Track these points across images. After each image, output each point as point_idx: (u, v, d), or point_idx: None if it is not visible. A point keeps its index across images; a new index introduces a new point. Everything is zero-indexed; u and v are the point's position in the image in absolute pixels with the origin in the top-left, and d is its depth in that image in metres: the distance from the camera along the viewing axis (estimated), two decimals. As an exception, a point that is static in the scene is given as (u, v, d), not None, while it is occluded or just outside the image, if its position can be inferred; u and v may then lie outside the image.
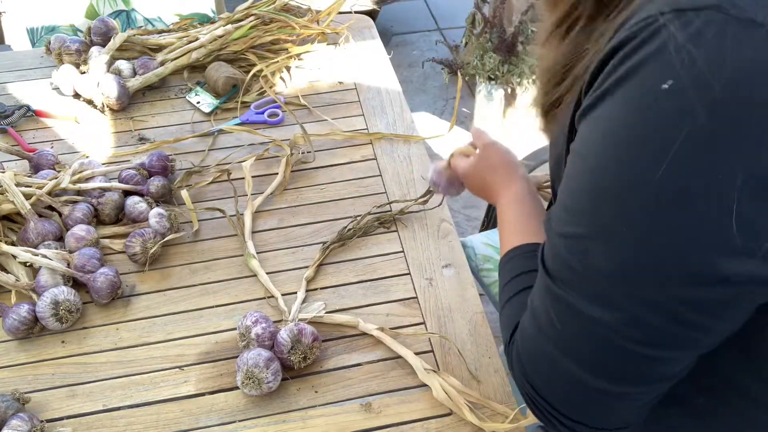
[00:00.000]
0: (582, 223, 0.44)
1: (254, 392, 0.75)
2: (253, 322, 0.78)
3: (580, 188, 0.44)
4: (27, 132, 1.13)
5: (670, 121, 0.38)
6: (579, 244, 0.44)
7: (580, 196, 0.44)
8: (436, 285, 0.89)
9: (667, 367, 0.46)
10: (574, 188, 0.45)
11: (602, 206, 0.43)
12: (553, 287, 0.47)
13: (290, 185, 1.04)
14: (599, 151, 0.42)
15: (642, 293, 0.42)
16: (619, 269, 0.43)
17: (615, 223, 0.42)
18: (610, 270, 0.43)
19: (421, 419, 0.75)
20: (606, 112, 0.41)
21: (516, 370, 0.54)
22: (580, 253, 0.44)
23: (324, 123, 1.15)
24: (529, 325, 0.52)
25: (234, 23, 1.26)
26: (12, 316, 0.81)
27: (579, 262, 0.44)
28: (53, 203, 0.93)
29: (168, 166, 1.02)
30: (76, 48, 1.21)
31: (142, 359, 0.81)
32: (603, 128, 0.42)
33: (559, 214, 0.47)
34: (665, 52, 0.38)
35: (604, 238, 0.43)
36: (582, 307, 0.45)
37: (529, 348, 0.52)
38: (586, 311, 0.45)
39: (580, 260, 0.44)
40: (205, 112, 1.17)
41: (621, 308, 0.44)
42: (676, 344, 0.44)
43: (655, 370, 0.46)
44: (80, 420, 0.75)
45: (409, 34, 2.78)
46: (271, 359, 0.75)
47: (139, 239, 0.90)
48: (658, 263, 0.41)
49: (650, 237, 0.41)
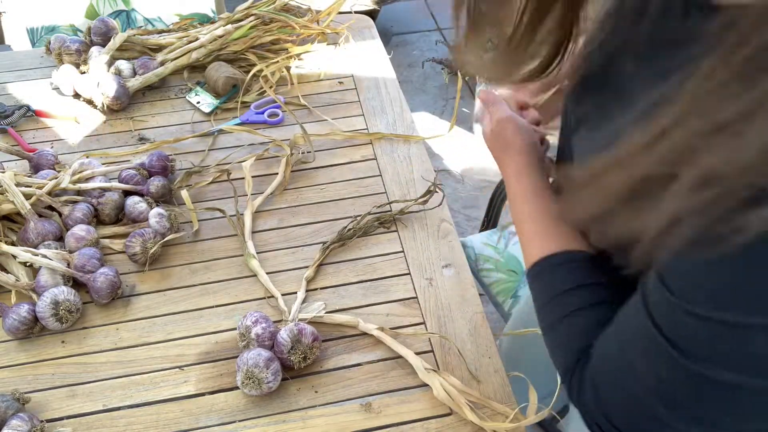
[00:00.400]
0: (745, 312, 0.40)
1: (254, 392, 0.75)
2: (253, 322, 0.78)
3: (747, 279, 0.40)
4: (27, 132, 1.13)
5: None
6: (735, 332, 0.41)
7: (748, 287, 0.40)
8: (436, 285, 0.89)
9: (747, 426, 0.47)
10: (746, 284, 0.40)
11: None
12: (678, 358, 0.44)
13: (290, 185, 1.04)
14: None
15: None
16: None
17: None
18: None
19: (421, 419, 0.75)
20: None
21: (588, 397, 0.54)
22: (734, 340, 0.41)
23: (324, 123, 1.15)
24: (616, 357, 0.50)
25: (234, 23, 1.26)
26: (12, 316, 0.81)
27: (730, 346, 0.41)
28: (53, 203, 0.93)
29: (168, 166, 1.02)
30: (76, 48, 1.21)
31: (142, 359, 0.81)
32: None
33: (691, 294, 0.43)
34: None
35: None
36: (715, 375, 0.43)
37: (613, 380, 0.51)
38: (719, 378, 0.43)
39: (732, 345, 0.41)
40: (205, 112, 1.17)
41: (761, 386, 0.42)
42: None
43: (737, 426, 0.46)
44: (80, 420, 0.75)
45: (409, 34, 2.78)
46: (271, 359, 0.75)
47: (139, 239, 0.90)
48: None
49: None
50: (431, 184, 0.98)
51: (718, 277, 0.41)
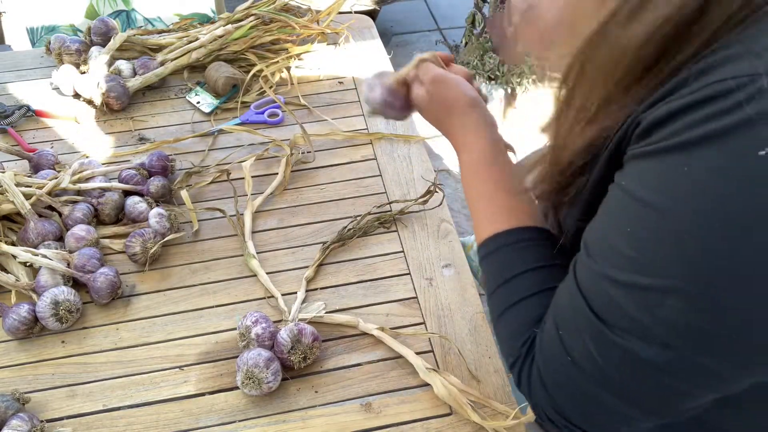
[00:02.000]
0: (655, 275, 0.40)
1: (254, 392, 0.75)
2: (253, 322, 0.78)
3: (655, 240, 0.40)
4: (27, 132, 1.13)
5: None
6: (648, 297, 0.41)
7: (655, 249, 0.40)
8: (436, 285, 0.89)
9: (694, 403, 0.46)
10: (642, 237, 0.41)
11: (690, 266, 0.39)
12: (605, 331, 0.44)
13: (290, 185, 1.04)
14: (688, 211, 0.38)
15: (711, 349, 0.41)
16: (697, 327, 0.40)
17: (707, 286, 0.38)
18: (686, 325, 0.40)
19: (421, 419, 0.75)
20: (692, 168, 0.37)
21: (538, 393, 0.53)
22: (649, 306, 0.41)
23: (324, 123, 1.15)
24: (558, 354, 0.49)
25: (234, 23, 1.26)
26: (12, 316, 0.81)
27: (646, 313, 0.41)
28: (53, 203, 0.93)
29: (168, 166, 1.02)
30: (76, 48, 1.22)
31: (142, 359, 0.81)
32: (689, 187, 0.37)
33: (611, 258, 0.43)
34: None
35: (687, 297, 0.39)
36: (638, 350, 0.43)
37: (559, 378, 0.50)
38: (642, 354, 0.43)
39: (648, 311, 0.41)
40: (205, 112, 1.17)
41: (683, 356, 0.42)
42: (716, 388, 0.44)
43: (684, 404, 0.46)
44: (80, 420, 0.75)
45: (409, 34, 2.78)
46: (271, 359, 0.75)
47: (139, 239, 0.90)
48: (740, 332, 0.39)
49: (748, 309, 0.38)
50: (431, 184, 0.98)
51: (634, 241, 0.41)
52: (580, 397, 0.49)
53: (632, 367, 0.44)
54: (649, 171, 0.40)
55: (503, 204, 0.61)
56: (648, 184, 0.40)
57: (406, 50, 2.71)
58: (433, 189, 0.98)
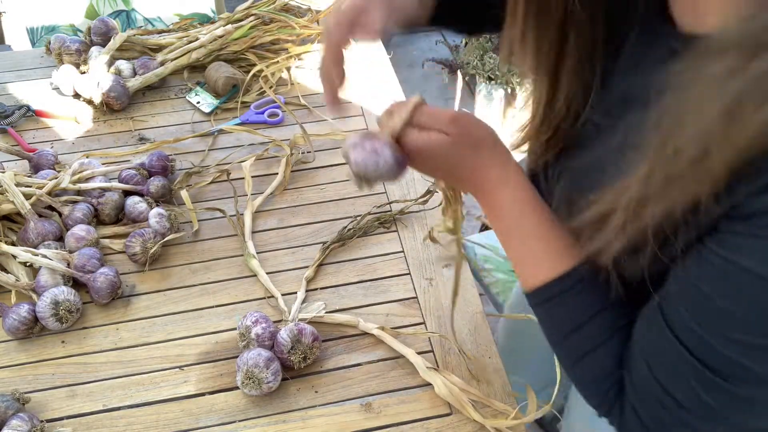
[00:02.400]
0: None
1: (254, 392, 0.75)
2: (253, 322, 0.78)
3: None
4: (27, 132, 1.13)
5: None
6: (764, 353, 0.45)
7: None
8: (436, 285, 0.89)
9: None
10: (756, 304, 0.44)
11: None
12: (718, 381, 0.47)
13: (290, 185, 1.04)
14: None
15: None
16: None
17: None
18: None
19: (421, 419, 0.75)
20: None
21: (634, 430, 0.54)
22: (764, 359, 0.45)
23: (324, 123, 1.15)
24: (658, 395, 0.51)
25: (234, 23, 1.26)
26: (12, 316, 0.81)
27: (762, 364, 0.45)
28: (53, 203, 0.93)
29: (168, 166, 1.02)
30: (76, 48, 1.22)
31: (142, 359, 0.81)
32: None
33: (718, 320, 0.46)
34: None
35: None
36: (753, 393, 0.47)
37: (660, 414, 0.52)
38: (758, 396, 0.47)
39: (763, 363, 0.45)
40: (205, 112, 1.17)
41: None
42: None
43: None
44: (80, 420, 0.75)
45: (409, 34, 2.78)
46: (271, 359, 0.75)
47: (139, 239, 0.90)
48: None
49: None
50: (431, 184, 0.98)
51: (746, 307, 0.44)
52: (675, 424, 0.52)
53: (746, 404, 0.47)
54: (763, 249, 0.42)
55: (559, 244, 0.58)
56: (763, 260, 0.42)
57: (406, 50, 2.71)
58: (433, 189, 0.98)
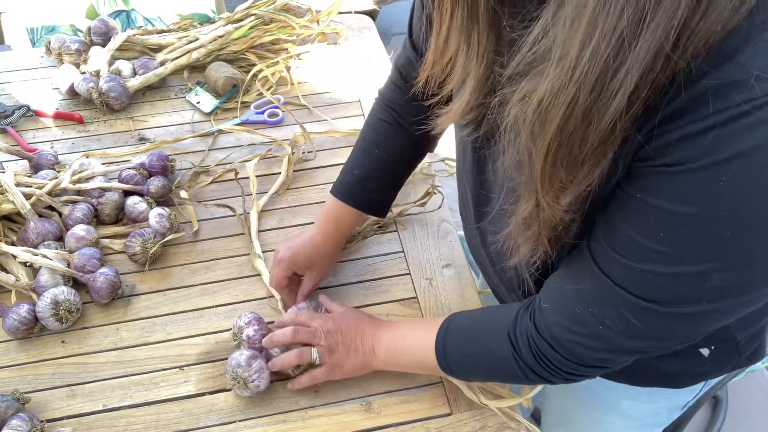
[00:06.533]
0: (699, 263, 0.46)
1: (245, 393, 0.75)
2: (246, 323, 0.78)
3: (694, 239, 0.45)
4: (27, 132, 1.13)
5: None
6: (695, 277, 0.47)
7: (696, 245, 0.46)
8: (436, 285, 0.89)
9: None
10: (681, 239, 0.46)
11: (730, 253, 0.45)
12: (653, 307, 0.50)
13: (290, 185, 1.04)
14: (728, 215, 0.43)
15: (753, 294, 0.48)
16: (740, 285, 0.47)
17: (744, 263, 0.45)
18: (732, 286, 0.47)
19: (421, 419, 0.75)
20: (728, 181, 0.42)
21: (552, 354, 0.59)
22: (696, 282, 0.47)
23: (324, 123, 1.15)
24: (580, 329, 0.55)
25: (234, 23, 1.26)
26: (12, 316, 0.81)
27: (695, 287, 0.48)
28: (53, 203, 0.93)
29: (168, 166, 1.02)
30: (76, 48, 1.22)
31: (142, 359, 0.81)
32: (727, 196, 0.42)
33: (649, 256, 0.48)
34: None
35: (729, 271, 0.46)
36: (685, 310, 0.49)
37: (582, 344, 0.56)
38: (688, 310, 0.49)
39: (696, 286, 0.47)
40: (205, 112, 1.17)
41: (727, 304, 0.49)
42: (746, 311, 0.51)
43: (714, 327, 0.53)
44: (80, 420, 0.75)
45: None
46: (253, 357, 0.74)
47: (139, 239, 0.90)
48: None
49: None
50: (429, 186, 0.98)
51: (671, 241, 0.47)
52: (605, 351, 0.56)
53: (675, 319, 0.51)
54: (680, 186, 0.44)
55: (423, 333, 0.72)
56: (680, 198, 0.44)
57: (406, 50, 2.71)
58: (431, 191, 0.98)
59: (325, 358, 0.75)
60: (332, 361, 0.75)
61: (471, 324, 0.68)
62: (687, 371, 0.73)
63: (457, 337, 0.68)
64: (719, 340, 0.69)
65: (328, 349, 0.75)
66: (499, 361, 0.63)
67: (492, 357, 0.64)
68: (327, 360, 0.76)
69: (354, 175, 0.83)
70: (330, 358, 0.75)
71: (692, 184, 0.43)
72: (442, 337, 0.69)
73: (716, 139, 0.41)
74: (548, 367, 0.59)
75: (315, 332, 0.76)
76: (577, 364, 0.58)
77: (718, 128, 0.41)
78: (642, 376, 0.74)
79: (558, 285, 0.58)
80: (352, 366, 0.76)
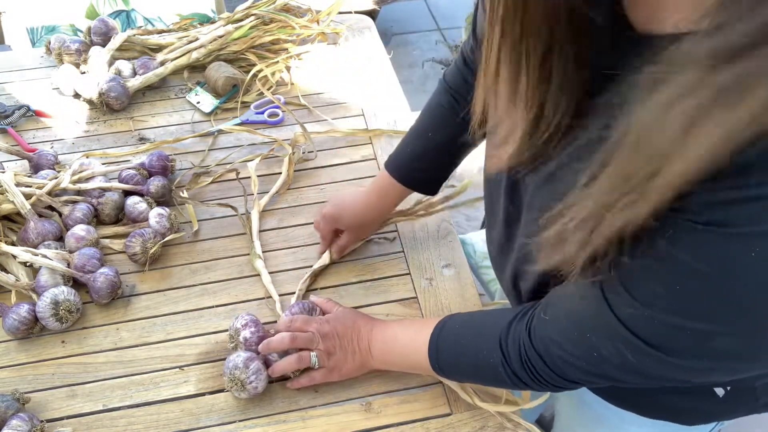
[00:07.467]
0: (708, 322, 0.45)
1: (243, 395, 0.75)
2: (243, 325, 0.78)
3: (710, 299, 0.45)
4: (27, 132, 1.13)
5: None
6: (700, 335, 0.46)
7: (709, 305, 0.45)
8: (436, 285, 0.89)
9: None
10: (696, 296, 0.45)
11: (741, 320, 0.44)
12: (651, 351, 0.49)
13: (291, 185, 1.04)
14: (747, 285, 0.42)
15: (749, 363, 0.48)
16: (743, 352, 0.47)
17: (753, 331, 0.45)
18: (735, 351, 0.47)
19: (421, 419, 0.75)
20: (759, 254, 0.41)
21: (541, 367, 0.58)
22: (699, 340, 0.46)
23: (324, 123, 1.15)
24: (576, 353, 0.55)
25: (234, 23, 1.26)
26: (12, 316, 0.81)
27: (697, 343, 0.47)
28: (53, 203, 0.93)
29: (168, 166, 1.02)
30: (76, 48, 1.21)
31: (142, 359, 0.81)
32: (753, 269, 0.41)
33: (659, 305, 0.47)
34: None
35: (737, 336, 0.45)
36: (682, 363, 0.49)
37: (574, 366, 0.56)
38: (685, 364, 0.49)
39: (699, 343, 0.47)
40: (205, 112, 1.17)
41: (724, 367, 0.49)
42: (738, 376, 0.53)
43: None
44: (80, 420, 0.75)
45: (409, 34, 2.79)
46: (250, 359, 0.74)
47: (139, 239, 0.90)
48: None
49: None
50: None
51: (686, 296, 0.46)
52: (591, 373, 0.55)
53: (675, 368, 0.50)
54: (708, 246, 0.43)
55: (416, 334, 0.72)
56: (704, 257, 0.43)
57: (407, 50, 2.71)
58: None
59: (323, 362, 0.76)
60: (330, 363, 0.76)
61: (464, 327, 0.69)
62: (699, 408, 0.71)
63: (450, 339, 0.69)
64: (736, 381, 0.67)
65: (326, 352, 0.76)
66: (487, 365, 0.64)
67: (481, 360, 0.64)
68: (326, 363, 0.76)
69: (407, 153, 0.87)
70: (328, 361, 0.76)
71: (722, 248, 0.42)
72: (436, 338, 0.69)
73: (760, 209, 0.40)
74: (534, 377, 0.59)
75: (312, 337, 0.76)
76: (563, 378, 0.58)
77: (763, 200, 0.40)
78: (650, 408, 0.73)
79: (563, 302, 0.58)
80: (350, 367, 0.76)
